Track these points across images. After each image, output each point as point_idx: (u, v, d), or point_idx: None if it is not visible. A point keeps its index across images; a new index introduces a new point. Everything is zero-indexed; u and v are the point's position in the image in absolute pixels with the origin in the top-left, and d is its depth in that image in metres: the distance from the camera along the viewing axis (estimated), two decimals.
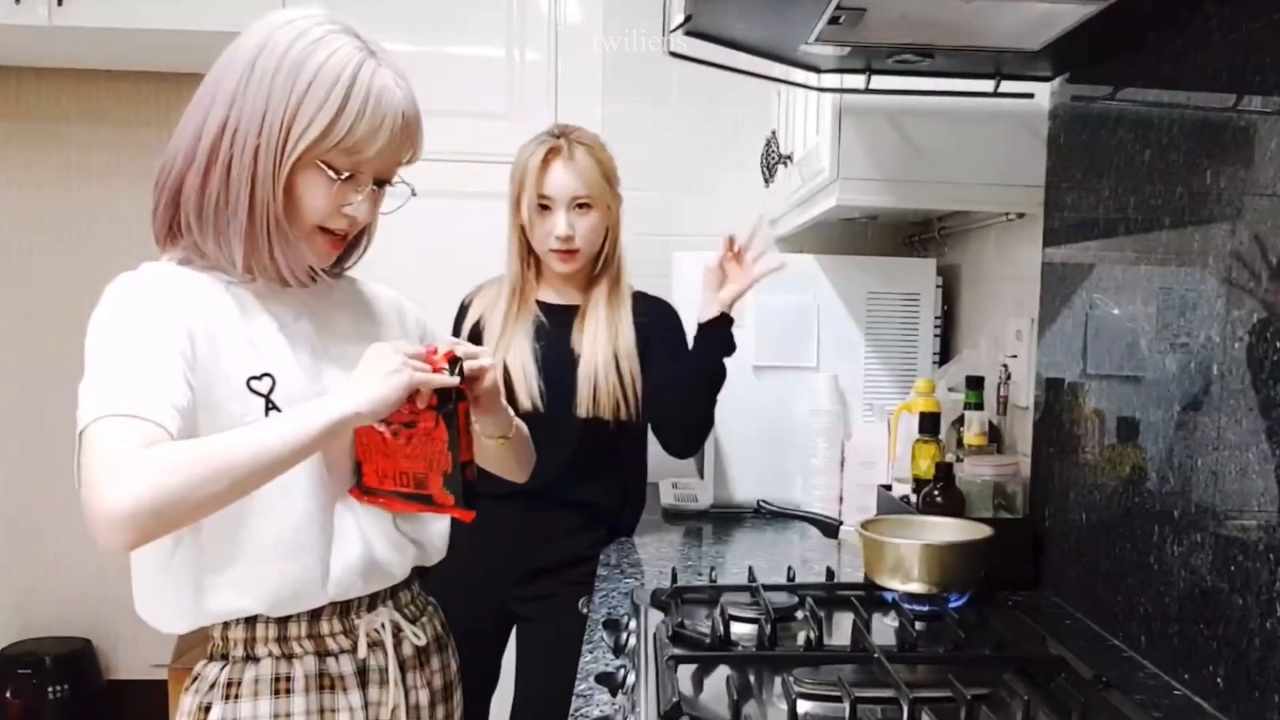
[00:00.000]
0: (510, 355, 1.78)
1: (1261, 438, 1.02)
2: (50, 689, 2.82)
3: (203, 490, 0.89)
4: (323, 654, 1.12)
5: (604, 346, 1.78)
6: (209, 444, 0.93)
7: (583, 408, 1.76)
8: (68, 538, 3.03)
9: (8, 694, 2.80)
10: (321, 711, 1.11)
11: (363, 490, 1.14)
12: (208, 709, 1.09)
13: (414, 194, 1.14)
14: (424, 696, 1.21)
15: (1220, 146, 1.11)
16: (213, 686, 1.10)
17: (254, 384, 1.04)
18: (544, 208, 1.78)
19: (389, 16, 2.37)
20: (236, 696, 1.08)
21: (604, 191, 1.79)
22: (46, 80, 2.95)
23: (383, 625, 1.16)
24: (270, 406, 1.04)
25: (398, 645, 1.18)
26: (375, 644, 1.15)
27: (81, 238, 2.97)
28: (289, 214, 1.06)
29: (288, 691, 1.09)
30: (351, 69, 1.03)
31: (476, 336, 1.83)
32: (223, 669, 1.10)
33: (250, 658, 1.10)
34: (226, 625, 1.11)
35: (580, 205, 1.77)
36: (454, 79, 2.41)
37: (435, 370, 1.06)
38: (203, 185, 1.05)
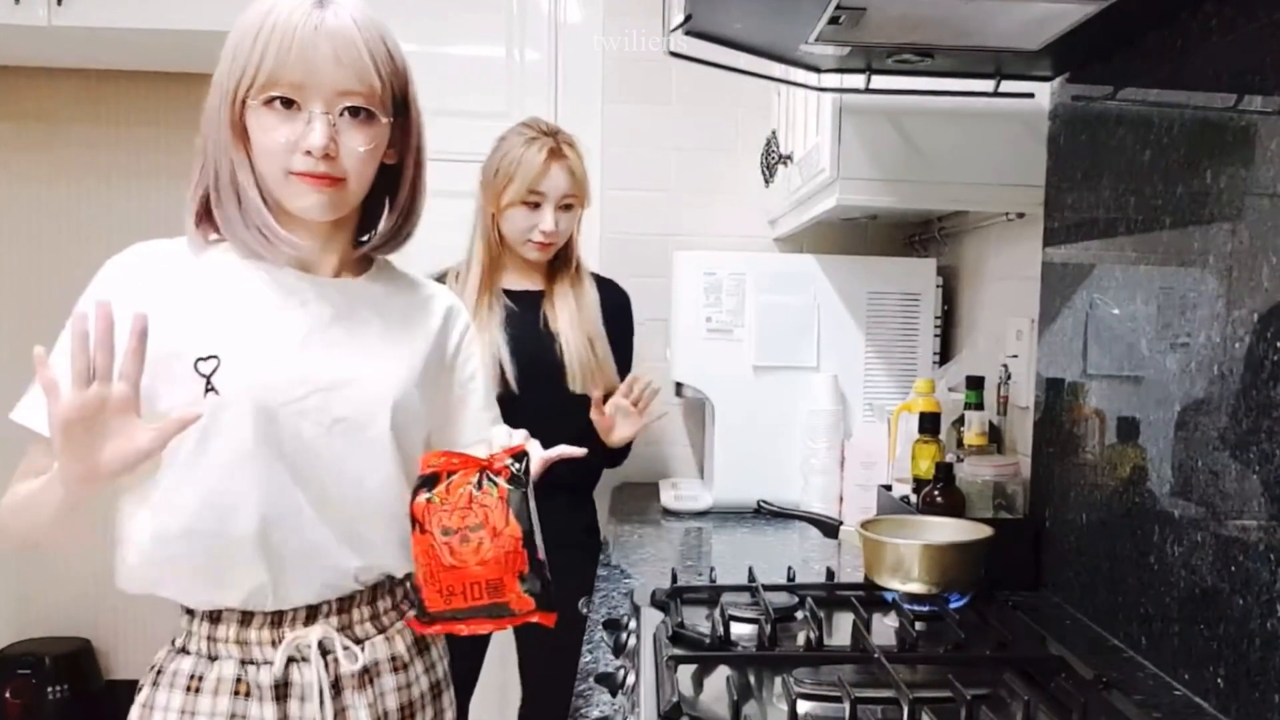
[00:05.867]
0: (484, 344, 1.83)
1: (1261, 438, 1.02)
2: (50, 689, 2.82)
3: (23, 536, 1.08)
4: (246, 660, 1.10)
5: (579, 328, 1.90)
6: (18, 501, 1.06)
7: (577, 384, 1.87)
8: None
9: (8, 694, 2.80)
10: (231, 716, 1.08)
11: (425, 619, 1.03)
12: (141, 688, 1.12)
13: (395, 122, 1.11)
14: (364, 716, 1.13)
15: (1220, 146, 1.11)
16: (152, 668, 1.13)
17: (200, 364, 1.05)
18: (532, 203, 1.87)
19: (389, 16, 2.37)
20: (159, 684, 1.11)
21: (585, 191, 1.92)
22: (46, 80, 2.95)
23: (309, 644, 1.10)
24: (209, 389, 1.04)
25: (336, 662, 1.12)
26: (301, 659, 1.11)
27: (81, 238, 2.97)
28: (256, 168, 1.07)
29: (198, 690, 1.09)
30: (267, 6, 1.03)
31: None
32: (164, 653, 1.13)
33: (184, 650, 1.11)
34: (191, 615, 1.12)
35: (567, 204, 1.89)
36: (454, 79, 2.41)
37: (499, 470, 1.00)
38: (211, 174, 1.08)
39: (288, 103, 1.03)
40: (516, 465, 1.01)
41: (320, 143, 1.03)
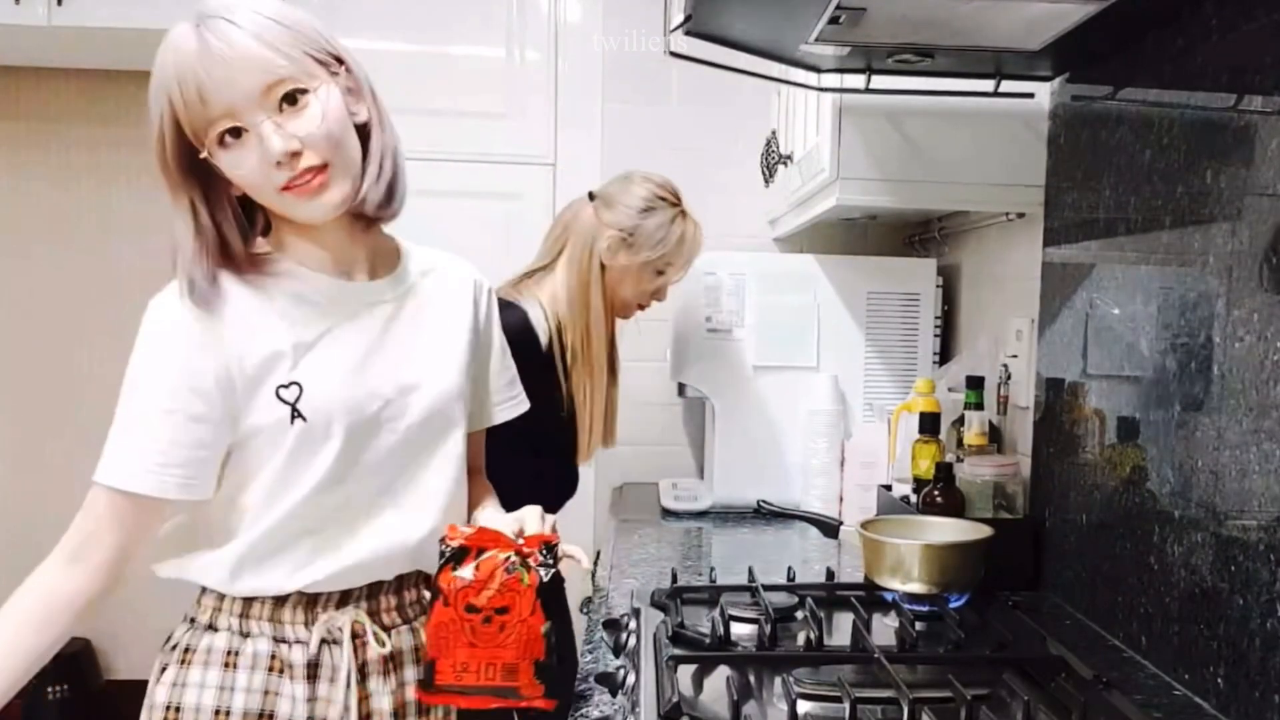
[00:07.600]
0: (607, 406, 1.78)
1: (1261, 438, 1.02)
2: (50, 689, 2.82)
3: None
4: (279, 639, 1.11)
5: None
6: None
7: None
8: None
9: None
10: (265, 692, 1.10)
11: (432, 689, 1.05)
12: (165, 669, 1.12)
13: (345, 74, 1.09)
14: (386, 703, 1.14)
15: (1220, 146, 1.11)
16: (174, 648, 1.12)
17: (282, 392, 1.06)
18: (661, 273, 1.78)
19: (389, 16, 2.37)
20: (189, 662, 1.11)
21: None
22: (46, 80, 2.95)
23: (341, 626, 1.12)
24: (295, 415, 1.06)
25: (364, 647, 1.14)
26: (332, 641, 1.13)
27: (80, 238, 2.97)
28: (248, 198, 1.08)
29: (234, 666, 1.10)
30: (161, 58, 1.04)
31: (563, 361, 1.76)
32: (186, 633, 1.13)
33: (212, 627, 1.12)
34: (203, 590, 1.12)
35: None
36: (454, 79, 2.41)
37: (527, 555, 1.03)
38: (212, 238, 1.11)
39: (235, 131, 1.03)
40: (549, 555, 1.03)
41: (280, 147, 1.02)
